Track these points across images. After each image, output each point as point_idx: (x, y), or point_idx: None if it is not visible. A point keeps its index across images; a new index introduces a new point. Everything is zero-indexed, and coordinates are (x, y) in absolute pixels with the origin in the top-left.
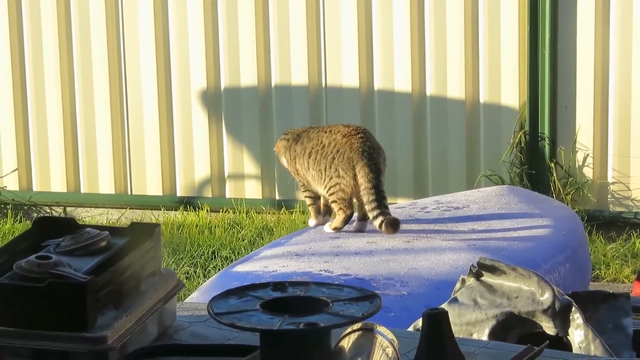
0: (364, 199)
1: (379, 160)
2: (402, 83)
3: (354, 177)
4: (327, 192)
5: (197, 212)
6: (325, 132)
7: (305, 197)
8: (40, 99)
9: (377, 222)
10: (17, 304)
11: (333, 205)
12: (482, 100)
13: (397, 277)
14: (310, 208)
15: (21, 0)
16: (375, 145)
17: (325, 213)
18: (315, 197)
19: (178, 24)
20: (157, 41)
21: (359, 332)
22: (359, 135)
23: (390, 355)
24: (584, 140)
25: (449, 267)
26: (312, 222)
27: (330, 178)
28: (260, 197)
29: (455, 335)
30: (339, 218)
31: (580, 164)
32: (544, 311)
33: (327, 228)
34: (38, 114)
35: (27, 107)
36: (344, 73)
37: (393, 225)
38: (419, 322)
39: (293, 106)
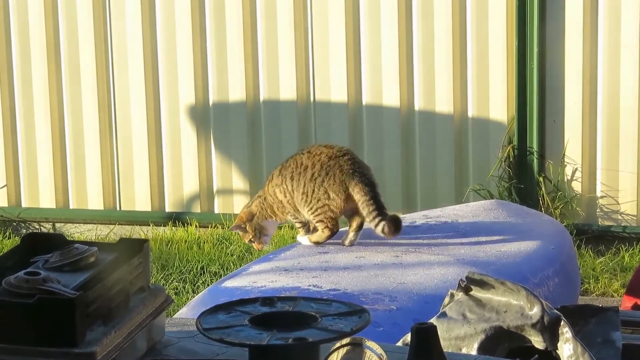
0: (364, 212)
1: (370, 174)
2: (390, 98)
3: (346, 198)
4: (313, 213)
5: (185, 228)
6: (304, 154)
7: (296, 222)
8: (28, 115)
9: (379, 228)
10: (6, 320)
11: (319, 225)
12: (470, 115)
13: (385, 291)
14: (300, 230)
15: (9, 11)
16: (362, 163)
17: (315, 229)
18: (305, 222)
19: (166, 39)
20: (145, 57)
21: (348, 347)
22: (347, 157)
23: None
24: (573, 154)
25: (438, 281)
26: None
27: (318, 200)
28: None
29: (444, 350)
30: (322, 234)
31: (569, 178)
32: (533, 325)
33: (306, 240)
34: (27, 130)
35: (15, 123)
36: (332, 88)
37: (395, 222)
38: (408, 337)
39: (281, 121)
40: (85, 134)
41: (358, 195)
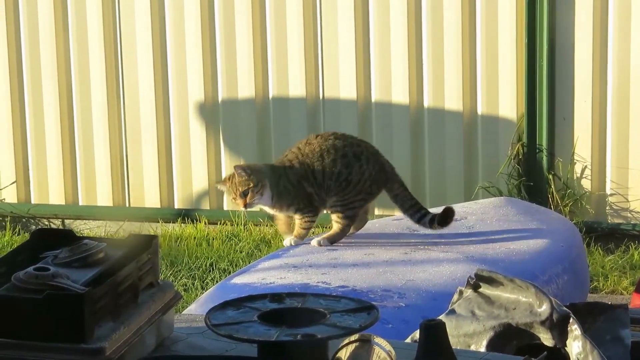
0: (406, 205)
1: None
2: (400, 95)
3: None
4: (346, 203)
5: (195, 225)
6: (333, 140)
7: (310, 220)
8: (37, 111)
9: (427, 219)
10: (15, 315)
11: (344, 220)
12: (479, 112)
13: (394, 288)
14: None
15: (19, 8)
16: None
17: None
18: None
19: (175, 36)
20: (154, 54)
21: (357, 344)
22: (379, 154)
23: None
24: (582, 151)
25: (447, 278)
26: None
27: (359, 193)
28: (258, 210)
29: (453, 347)
30: (342, 231)
31: (579, 175)
32: (542, 322)
33: (326, 242)
34: (36, 126)
35: (25, 119)
36: (341, 85)
37: (447, 214)
38: (417, 334)
39: (290, 118)
40: (95, 130)
41: (399, 190)
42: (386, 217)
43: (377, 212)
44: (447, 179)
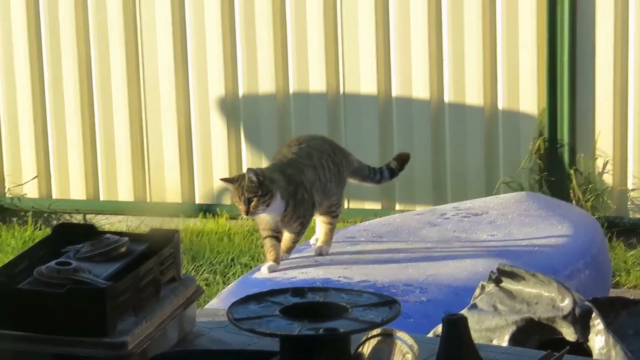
0: (365, 173)
1: None
2: (420, 90)
3: None
4: (338, 201)
5: (216, 219)
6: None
7: (303, 232)
8: (59, 106)
9: (387, 174)
10: (38, 309)
11: (336, 219)
12: (500, 107)
13: (416, 283)
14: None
15: (39, 8)
16: None
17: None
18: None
19: (196, 31)
20: (175, 49)
21: (379, 338)
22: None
23: None
24: (604, 146)
25: (469, 273)
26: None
27: (342, 185)
28: None
29: (475, 341)
30: (332, 231)
31: (600, 170)
32: (564, 317)
33: (327, 249)
34: (57, 121)
35: (46, 114)
36: (361, 80)
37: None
38: (439, 328)
39: (311, 113)
40: (116, 125)
41: (356, 162)
42: (407, 212)
43: (398, 207)
44: (468, 174)
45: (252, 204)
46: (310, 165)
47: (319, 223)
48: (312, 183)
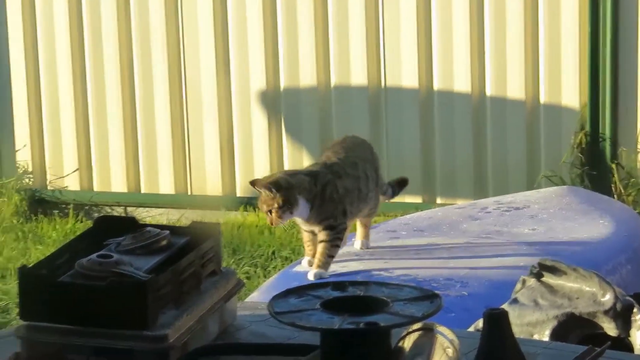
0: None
1: None
2: (462, 83)
3: None
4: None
5: (257, 213)
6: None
7: (338, 244)
8: (100, 99)
9: (389, 192)
10: (79, 302)
11: (371, 218)
12: (542, 101)
13: (457, 277)
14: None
15: (82, 2)
16: None
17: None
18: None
19: (237, 25)
20: (216, 42)
21: (419, 332)
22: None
23: (450, 356)
24: None
25: (510, 267)
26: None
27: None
28: None
29: (516, 336)
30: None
31: None
32: (606, 312)
33: (368, 243)
34: (99, 114)
35: (87, 108)
36: (403, 74)
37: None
38: (480, 323)
39: (352, 107)
40: (157, 118)
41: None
42: (449, 206)
43: (439, 200)
44: (509, 168)
45: (273, 215)
46: (353, 175)
47: (357, 221)
48: (348, 191)
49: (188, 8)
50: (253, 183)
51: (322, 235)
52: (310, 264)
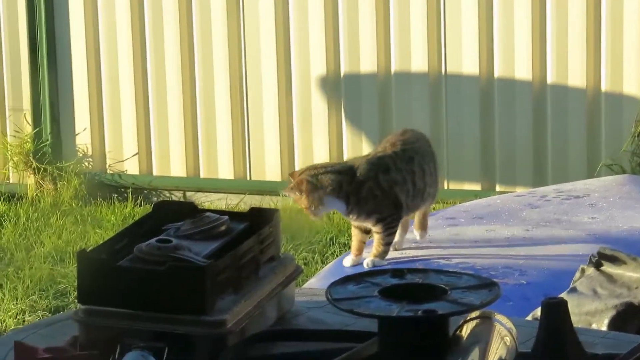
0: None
1: None
2: (523, 71)
3: None
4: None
5: None
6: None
7: (393, 233)
8: (160, 83)
9: None
10: (138, 286)
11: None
12: (603, 89)
13: (516, 266)
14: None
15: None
16: None
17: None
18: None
19: (298, 10)
20: (277, 27)
21: (477, 320)
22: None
23: (508, 344)
24: None
25: (569, 256)
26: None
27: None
28: None
29: (574, 325)
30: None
31: None
32: None
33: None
34: (159, 99)
35: (147, 92)
36: (463, 60)
37: None
38: (538, 312)
39: (412, 93)
40: (217, 103)
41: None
42: (508, 194)
43: (498, 188)
44: (569, 156)
45: (304, 209)
46: (405, 169)
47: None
48: (396, 183)
49: None
50: (291, 174)
51: (375, 229)
52: (347, 262)
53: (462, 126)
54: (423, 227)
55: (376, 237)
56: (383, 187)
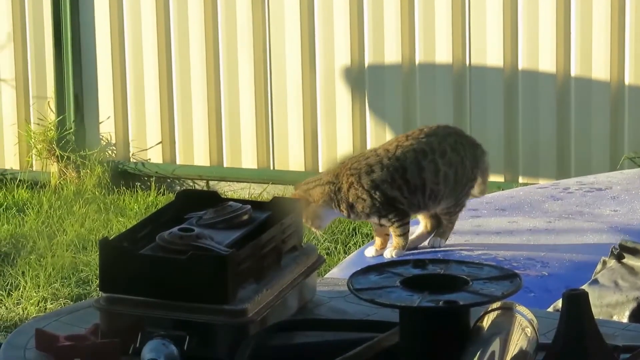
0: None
1: None
2: (547, 63)
3: None
4: (458, 202)
5: None
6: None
7: (403, 223)
8: (184, 72)
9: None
10: (159, 275)
11: (455, 217)
12: (627, 82)
13: (537, 257)
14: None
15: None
16: None
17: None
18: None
19: (323, 1)
20: (301, 17)
21: (498, 311)
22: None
23: (529, 335)
24: None
25: (590, 248)
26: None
27: (465, 185)
28: None
29: (595, 317)
30: (454, 224)
31: None
32: None
33: (442, 241)
34: (182, 87)
35: (172, 80)
36: (488, 52)
37: None
38: (559, 303)
39: (436, 85)
40: (241, 93)
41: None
42: (530, 185)
43: (521, 180)
44: (592, 149)
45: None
46: (394, 166)
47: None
48: (382, 180)
49: None
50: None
51: (385, 225)
52: (369, 253)
53: (486, 118)
54: (441, 235)
55: (391, 231)
56: (366, 189)
